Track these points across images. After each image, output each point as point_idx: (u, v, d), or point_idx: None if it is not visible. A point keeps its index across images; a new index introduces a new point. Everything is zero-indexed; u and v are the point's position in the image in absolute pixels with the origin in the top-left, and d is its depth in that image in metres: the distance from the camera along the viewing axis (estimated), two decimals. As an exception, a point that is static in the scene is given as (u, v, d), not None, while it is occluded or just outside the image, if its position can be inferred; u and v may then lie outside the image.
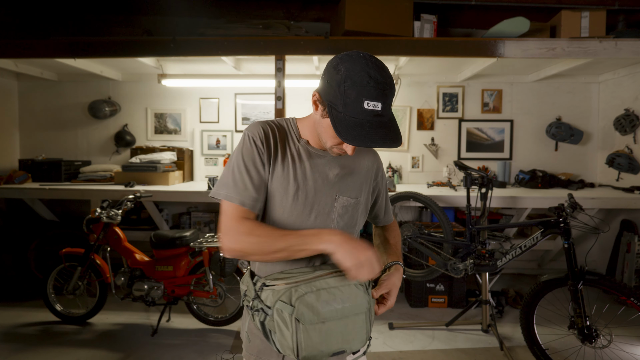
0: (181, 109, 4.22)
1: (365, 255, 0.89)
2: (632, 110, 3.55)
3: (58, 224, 3.89)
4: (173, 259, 2.86)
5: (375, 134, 0.89)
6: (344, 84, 0.90)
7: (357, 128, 0.89)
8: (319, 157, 1.07)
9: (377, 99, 0.89)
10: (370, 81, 0.88)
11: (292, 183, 1.03)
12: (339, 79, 0.91)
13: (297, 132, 1.09)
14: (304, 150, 1.07)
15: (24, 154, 4.23)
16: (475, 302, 2.95)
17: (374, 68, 0.90)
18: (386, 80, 0.90)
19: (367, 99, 0.88)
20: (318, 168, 1.06)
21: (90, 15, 3.78)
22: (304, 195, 1.03)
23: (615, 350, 2.47)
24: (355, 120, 0.89)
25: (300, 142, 1.08)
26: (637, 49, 2.99)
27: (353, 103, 0.89)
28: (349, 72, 0.90)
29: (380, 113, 0.90)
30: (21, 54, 3.17)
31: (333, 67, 0.93)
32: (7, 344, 2.70)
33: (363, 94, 0.88)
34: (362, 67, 0.90)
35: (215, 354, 2.57)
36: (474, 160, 4.14)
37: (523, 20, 2.97)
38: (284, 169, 1.04)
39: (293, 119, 1.13)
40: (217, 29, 3.29)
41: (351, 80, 0.89)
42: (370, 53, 0.95)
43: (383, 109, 0.90)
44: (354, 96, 0.89)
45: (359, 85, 0.89)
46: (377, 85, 0.89)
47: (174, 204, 4.17)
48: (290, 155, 1.05)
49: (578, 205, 2.41)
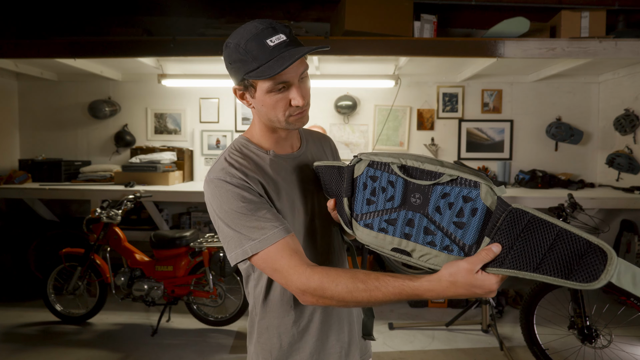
0: (181, 109, 4.22)
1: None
2: (632, 110, 3.55)
3: (58, 224, 3.88)
4: (173, 259, 2.86)
5: (293, 52, 0.84)
6: (240, 47, 0.87)
7: (274, 63, 0.84)
8: (292, 160, 1.03)
9: (276, 33, 0.86)
10: (260, 25, 0.87)
11: (285, 197, 0.97)
12: (233, 51, 0.88)
13: (258, 148, 1.00)
14: (278, 161, 1.00)
15: (24, 154, 4.23)
16: (475, 302, 2.95)
17: (254, 22, 0.88)
18: (271, 22, 0.88)
19: (267, 38, 0.85)
20: (296, 171, 1.02)
21: (90, 15, 3.78)
22: (298, 206, 0.99)
23: (615, 350, 2.47)
24: (271, 60, 0.85)
25: (270, 155, 0.99)
26: (637, 49, 2.99)
27: (258, 51, 0.85)
28: (237, 36, 0.88)
29: (289, 42, 0.86)
30: (21, 54, 3.17)
31: (224, 52, 0.92)
32: (7, 344, 2.70)
33: (262, 37, 0.85)
34: (242, 28, 0.88)
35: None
36: (474, 160, 4.14)
37: (523, 20, 2.97)
38: (276, 188, 0.96)
39: (244, 137, 1.03)
40: (217, 29, 3.29)
41: (244, 38, 0.86)
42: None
43: (290, 39, 0.87)
44: (255, 45, 0.85)
45: (254, 35, 0.86)
46: (268, 25, 0.87)
47: (174, 204, 4.16)
48: (273, 172, 0.97)
49: (578, 205, 2.41)
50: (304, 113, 0.95)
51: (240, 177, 0.91)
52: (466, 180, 0.78)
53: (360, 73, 3.91)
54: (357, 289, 0.80)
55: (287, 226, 0.89)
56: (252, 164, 0.96)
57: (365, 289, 0.80)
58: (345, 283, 0.81)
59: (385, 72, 3.86)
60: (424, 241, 0.82)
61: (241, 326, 2.98)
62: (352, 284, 0.80)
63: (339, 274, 0.82)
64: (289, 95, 0.91)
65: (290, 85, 0.90)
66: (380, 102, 4.13)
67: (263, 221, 0.87)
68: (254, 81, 0.90)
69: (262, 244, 0.86)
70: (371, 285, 0.80)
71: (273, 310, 0.99)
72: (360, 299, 0.80)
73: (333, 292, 0.81)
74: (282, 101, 0.91)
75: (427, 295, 0.78)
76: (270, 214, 0.89)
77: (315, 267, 0.85)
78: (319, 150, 1.14)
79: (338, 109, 4.06)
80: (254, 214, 0.88)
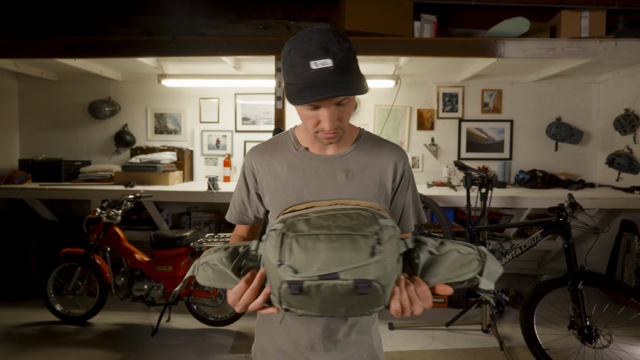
0: (181, 109, 4.22)
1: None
2: (632, 110, 3.55)
3: (58, 224, 3.88)
4: (173, 259, 2.86)
5: (327, 87, 0.81)
6: (289, 56, 0.85)
7: (308, 89, 0.82)
8: (321, 162, 1.01)
9: (324, 55, 0.81)
10: (313, 42, 0.82)
11: (292, 192, 0.99)
12: (285, 55, 0.87)
13: (294, 141, 1.04)
14: (303, 158, 1.02)
15: (24, 154, 4.23)
16: (475, 302, 2.95)
17: (318, 32, 0.84)
18: (332, 38, 0.83)
19: (312, 59, 0.81)
20: (320, 174, 0.99)
21: (90, 15, 3.78)
22: (302, 202, 0.98)
23: (615, 350, 2.47)
24: (307, 84, 0.82)
25: (298, 150, 1.03)
26: (637, 49, 2.99)
27: (301, 69, 0.83)
28: (292, 44, 0.86)
29: (332, 70, 0.81)
30: (21, 54, 3.17)
31: (283, 51, 0.89)
32: (7, 344, 2.70)
33: (307, 56, 0.82)
34: (305, 34, 0.85)
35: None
36: (474, 160, 4.14)
37: (523, 20, 2.97)
38: (280, 183, 1.01)
39: (292, 129, 1.08)
40: (217, 29, 3.29)
41: (294, 49, 0.84)
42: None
43: (336, 65, 0.82)
44: (299, 61, 0.83)
45: (302, 50, 0.83)
46: (321, 44, 0.82)
47: (174, 204, 4.16)
48: (288, 167, 1.01)
49: (578, 205, 2.41)
50: (334, 135, 0.92)
51: (251, 168, 1.06)
52: None
53: (360, 73, 3.91)
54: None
55: (242, 219, 1.14)
56: (274, 155, 1.05)
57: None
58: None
59: (385, 72, 3.86)
60: None
61: (241, 326, 2.97)
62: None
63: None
64: (319, 117, 0.90)
65: (322, 107, 0.88)
66: (380, 102, 4.13)
67: (237, 206, 1.13)
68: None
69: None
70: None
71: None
72: None
73: None
74: (312, 119, 0.91)
75: None
76: (239, 208, 1.13)
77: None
78: (366, 160, 1.02)
79: (338, 109, 4.06)
80: (234, 201, 1.13)
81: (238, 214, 1.14)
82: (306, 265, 0.72)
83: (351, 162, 1.01)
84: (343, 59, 0.83)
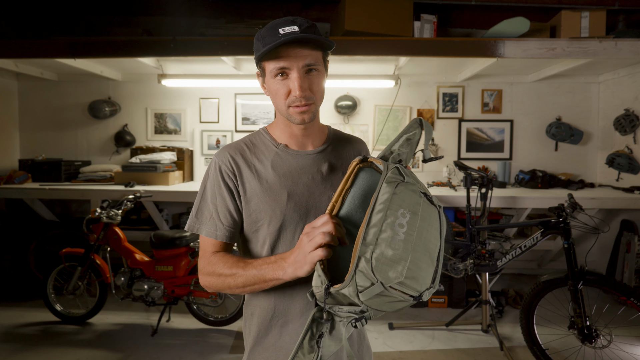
0: (181, 109, 4.22)
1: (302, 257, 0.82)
2: (632, 110, 3.55)
3: (58, 224, 3.88)
4: (173, 259, 2.86)
5: (295, 36, 0.88)
6: (259, 34, 0.94)
7: (276, 41, 0.88)
8: (304, 157, 1.03)
9: (291, 24, 0.90)
10: (283, 18, 0.92)
11: (282, 192, 0.98)
12: (256, 36, 0.95)
13: (271, 139, 1.04)
14: (285, 156, 1.02)
15: (24, 154, 4.23)
16: (475, 302, 2.94)
17: (289, 15, 0.95)
18: (298, 17, 0.92)
19: (280, 27, 0.89)
20: (306, 169, 1.01)
21: (90, 15, 3.78)
22: (295, 201, 0.98)
23: (615, 350, 2.47)
24: (275, 44, 0.88)
25: (278, 148, 1.03)
26: (637, 49, 2.99)
27: (270, 38, 0.89)
28: (264, 26, 0.95)
29: (298, 33, 0.89)
30: (21, 54, 3.17)
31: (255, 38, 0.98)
32: (7, 344, 2.70)
33: (275, 26, 0.90)
34: (277, 18, 0.94)
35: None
36: (474, 160, 4.14)
37: (523, 20, 2.97)
38: (266, 184, 0.99)
39: (264, 128, 1.08)
40: (217, 29, 3.29)
41: (265, 27, 0.93)
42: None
43: (302, 31, 0.89)
44: (268, 32, 0.91)
45: (271, 24, 0.92)
46: (292, 18, 0.91)
47: (174, 204, 4.16)
48: (272, 166, 1.00)
49: (578, 205, 2.41)
50: (306, 108, 0.94)
51: (229, 166, 0.99)
52: None
53: (360, 73, 3.91)
54: (223, 274, 0.92)
55: (225, 234, 0.99)
56: (252, 154, 1.02)
57: (230, 274, 0.92)
58: (218, 268, 0.94)
59: (385, 72, 3.86)
60: None
61: (241, 326, 2.98)
62: (221, 269, 0.93)
63: (220, 260, 0.95)
64: (289, 85, 0.93)
65: (291, 73, 0.92)
66: (380, 102, 4.13)
67: (214, 213, 0.99)
68: (263, 64, 0.95)
69: (198, 231, 1.00)
70: (235, 271, 0.91)
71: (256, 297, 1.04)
72: (224, 283, 0.93)
73: (203, 281, 0.97)
74: (283, 88, 0.93)
75: (276, 275, 0.87)
76: (222, 212, 0.98)
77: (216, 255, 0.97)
78: (348, 153, 1.10)
79: (338, 109, 4.07)
80: (214, 204, 0.99)
81: (225, 228, 0.98)
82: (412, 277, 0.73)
83: (330, 155, 1.06)
84: (308, 28, 0.91)
